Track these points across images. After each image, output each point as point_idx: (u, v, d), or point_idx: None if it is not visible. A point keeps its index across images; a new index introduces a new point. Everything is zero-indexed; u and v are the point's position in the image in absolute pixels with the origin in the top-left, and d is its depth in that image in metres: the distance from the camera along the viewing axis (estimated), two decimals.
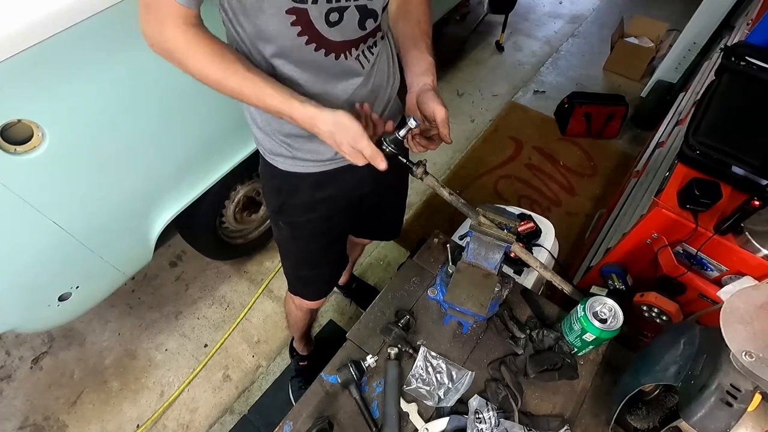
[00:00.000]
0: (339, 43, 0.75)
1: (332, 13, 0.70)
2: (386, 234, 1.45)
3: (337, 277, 1.28)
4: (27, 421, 1.68)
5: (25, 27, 0.85)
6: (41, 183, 1.03)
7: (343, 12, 0.71)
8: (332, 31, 0.72)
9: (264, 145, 0.93)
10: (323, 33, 0.72)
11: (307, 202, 0.99)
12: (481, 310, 0.92)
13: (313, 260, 1.16)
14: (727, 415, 0.66)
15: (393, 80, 0.94)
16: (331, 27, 0.72)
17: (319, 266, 1.19)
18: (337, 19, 0.71)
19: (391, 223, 1.39)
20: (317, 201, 0.99)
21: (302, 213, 1.01)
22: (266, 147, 0.93)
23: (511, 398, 0.92)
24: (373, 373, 0.98)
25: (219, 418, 1.72)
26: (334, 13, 0.70)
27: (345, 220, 1.11)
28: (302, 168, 0.93)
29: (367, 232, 1.42)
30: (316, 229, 1.05)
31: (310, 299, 1.27)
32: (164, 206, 1.38)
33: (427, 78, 0.84)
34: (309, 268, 1.19)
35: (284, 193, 0.99)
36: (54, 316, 1.29)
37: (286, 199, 0.99)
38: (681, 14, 3.10)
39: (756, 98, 1.36)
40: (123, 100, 1.10)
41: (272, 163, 0.94)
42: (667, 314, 1.16)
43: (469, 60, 3.27)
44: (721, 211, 1.16)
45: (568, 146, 2.67)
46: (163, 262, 2.10)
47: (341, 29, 0.73)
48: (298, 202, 0.99)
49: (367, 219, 1.25)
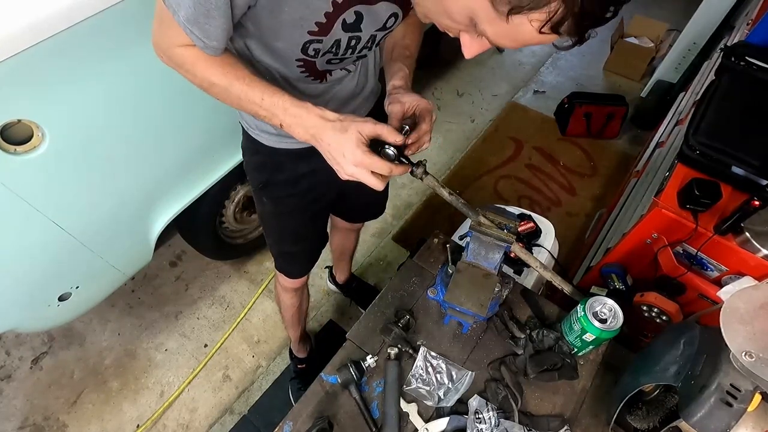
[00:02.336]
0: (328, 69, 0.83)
1: (333, 60, 0.78)
2: (372, 213, 1.47)
3: (317, 253, 1.30)
4: (27, 421, 1.68)
5: (25, 27, 0.85)
6: (41, 183, 1.03)
7: (343, 59, 0.79)
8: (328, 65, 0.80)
9: (248, 120, 0.95)
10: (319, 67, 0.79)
11: (290, 177, 1.01)
12: (481, 310, 0.92)
13: (296, 235, 1.18)
14: (727, 415, 0.66)
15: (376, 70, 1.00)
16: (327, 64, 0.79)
17: (302, 242, 1.21)
18: (337, 62, 0.79)
19: (375, 200, 1.40)
20: (300, 175, 1.01)
21: (286, 188, 1.03)
22: (250, 122, 0.95)
23: (511, 398, 0.92)
24: (373, 373, 0.98)
25: (219, 418, 1.72)
26: (335, 60, 0.78)
27: (327, 195, 1.14)
28: (286, 144, 0.95)
29: (354, 213, 1.44)
30: (299, 204, 1.07)
31: (294, 277, 1.31)
32: (164, 206, 1.38)
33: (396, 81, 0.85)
34: (292, 243, 1.21)
35: (268, 168, 1.00)
36: (54, 316, 1.29)
37: (270, 176, 1.01)
38: (681, 14, 3.09)
39: (756, 98, 1.36)
40: (123, 100, 1.10)
41: (257, 138, 0.96)
42: (667, 314, 1.16)
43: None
44: (721, 211, 1.16)
45: (568, 146, 2.67)
46: (163, 262, 2.10)
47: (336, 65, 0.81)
48: (282, 178, 1.01)
49: (352, 196, 1.26)
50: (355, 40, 0.73)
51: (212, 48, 0.66)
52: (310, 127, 0.71)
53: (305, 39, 0.69)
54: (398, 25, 0.78)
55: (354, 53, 0.77)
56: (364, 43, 0.76)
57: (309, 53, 0.72)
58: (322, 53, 0.73)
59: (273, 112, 0.71)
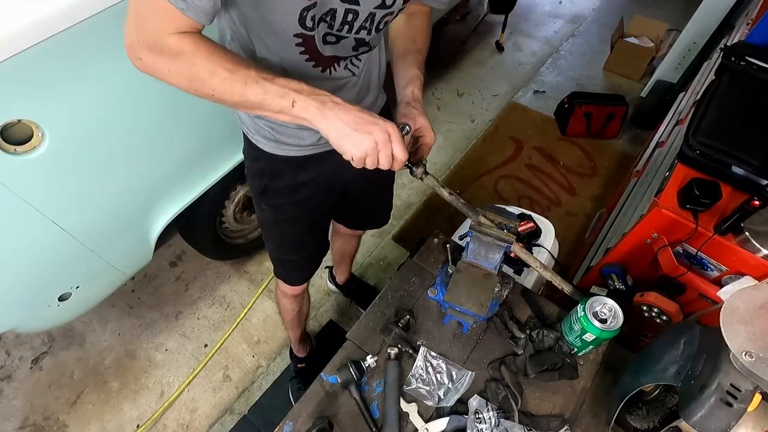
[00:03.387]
0: (329, 57, 0.79)
1: (329, 36, 0.74)
2: (375, 222, 1.46)
3: (318, 261, 1.30)
4: (27, 421, 1.68)
5: (25, 27, 0.85)
6: (41, 183, 1.03)
7: (341, 39, 0.76)
8: (326, 47, 0.76)
9: (247, 125, 0.95)
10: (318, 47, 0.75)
11: (290, 185, 1.01)
12: (481, 310, 0.92)
13: (296, 243, 1.18)
14: (727, 415, 0.66)
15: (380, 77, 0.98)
16: (326, 44, 0.76)
17: (301, 249, 1.21)
18: (334, 41, 0.76)
19: (378, 210, 1.40)
20: (300, 184, 1.01)
21: (285, 195, 1.03)
22: (250, 127, 0.95)
23: (511, 398, 0.92)
24: (373, 373, 0.98)
25: (219, 418, 1.72)
26: (332, 36, 0.74)
27: (327, 203, 1.13)
28: (284, 151, 0.95)
29: (355, 221, 1.44)
30: (298, 211, 1.07)
31: (293, 284, 1.30)
32: (164, 206, 1.38)
33: (408, 90, 0.85)
34: (291, 251, 1.20)
35: (267, 175, 1.00)
36: (54, 316, 1.29)
37: (269, 182, 1.01)
38: (681, 14, 3.10)
39: (756, 98, 1.36)
40: (123, 99, 1.10)
41: (255, 144, 0.95)
42: (667, 314, 1.16)
43: (469, 60, 3.27)
44: (721, 211, 1.16)
45: (568, 146, 2.67)
46: (163, 262, 2.10)
47: (335, 49, 0.78)
48: (281, 185, 1.01)
49: (353, 207, 1.26)
50: (352, 14, 0.70)
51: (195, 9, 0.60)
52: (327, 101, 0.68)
53: (302, 5, 0.65)
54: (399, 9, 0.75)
55: (351, 32, 0.74)
56: (362, 22, 0.73)
57: (306, 24, 0.68)
58: (318, 20, 0.69)
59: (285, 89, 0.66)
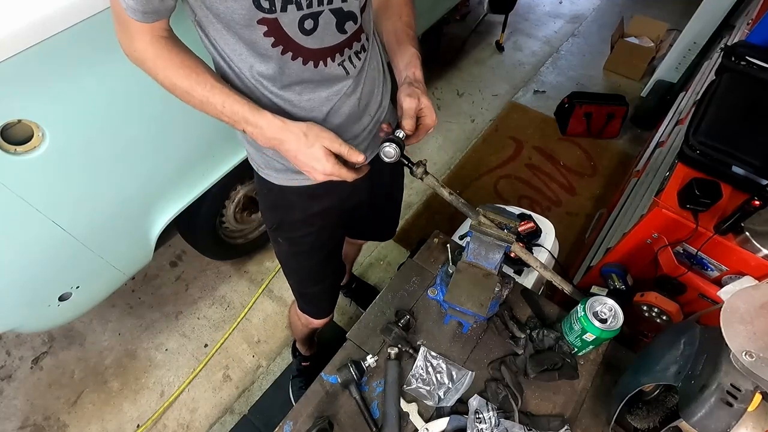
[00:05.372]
0: (317, 51, 0.72)
1: (306, 20, 0.68)
2: (382, 235, 1.45)
3: (337, 290, 1.30)
4: (27, 421, 1.68)
5: (25, 27, 0.85)
6: (41, 183, 1.03)
7: (317, 18, 0.69)
8: (309, 40, 0.70)
9: (256, 160, 0.93)
10: (299, 42, 0.70)
11: (303, 217, 0.99)
12: (481, 310, 0.92)
13: (315, 275, 1.16)
14: (727, 415, 0.66)
15: (385, 86, 0.92)
16: (307, 35, 0.69)
17: (322, 281, 1.19)
18: (312, 26, 0.69)
19: (386, 225, 1.39)
20: (313, 215, 0.99)
21: (299, 228, 1.02)
22: (259, 162, 0.92)
23: (511, 398, 0.93)
24: (373, 373, 0.98)
25: (219, 418, 1.72)
26: (308, 20, 0.68)
27: (341, 230, 1.13)
28: (295, 181, 0.92)
29: (362, 234, 1.43)
30: (314, 243, 1.05)
31: (318, 318, 1.29)
32: (164, 206, 1.38)
33: (409, 71, 0.83)
34: (312, 283, 1.19)
35: (281, 209, 0.99)
36: (54, 316, 1.29)
37: (283, 216, 1.00)
38: (681, 14, 3.10)
39: (756, 98, 1.36)
40: (123, 100, 1.10)
41: (266, 179, 0.93)
42: (667, 314, 1.16)
43: (469, 60, 3.27)
44: (721, 211, 1.16)
45: (568, 146, 2.67)
46: (164, 262, 2.10)
47: (319, 36, 0.71)
48: (294, 218, 0.99)
49: (361, 223, 1.25)
50: None
51: (131, 9, 0.62)
52: (271, 138, 0.73)
53: None
54: None
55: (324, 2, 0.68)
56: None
57: (263, 6, 0.63)
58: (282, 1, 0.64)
59: (234, 119, 0.72)
